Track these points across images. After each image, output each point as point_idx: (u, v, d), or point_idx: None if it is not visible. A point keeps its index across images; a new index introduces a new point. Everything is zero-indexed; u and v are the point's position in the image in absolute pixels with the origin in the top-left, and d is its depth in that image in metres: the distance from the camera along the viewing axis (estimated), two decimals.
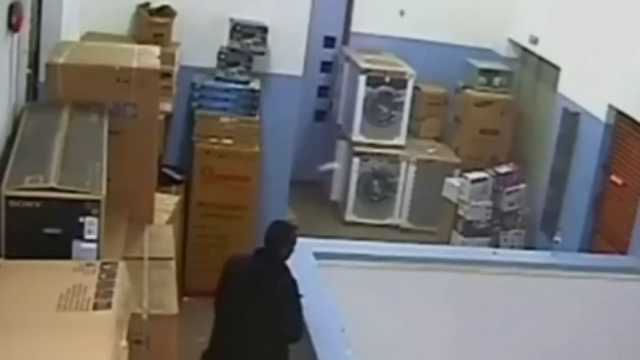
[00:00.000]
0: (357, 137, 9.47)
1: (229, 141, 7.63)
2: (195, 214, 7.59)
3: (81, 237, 3.27)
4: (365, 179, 9.53)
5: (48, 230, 3.23)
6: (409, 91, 9.46)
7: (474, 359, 6.07)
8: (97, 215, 3.28)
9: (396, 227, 9.52)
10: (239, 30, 7.75)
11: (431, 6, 9.94)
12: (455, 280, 6.13)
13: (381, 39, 9.96)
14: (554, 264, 6.45)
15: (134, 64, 4.45)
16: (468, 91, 9.68)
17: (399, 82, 9.42)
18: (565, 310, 6.22)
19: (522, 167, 9.07)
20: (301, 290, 5.13)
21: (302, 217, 9.37)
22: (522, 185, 8.91)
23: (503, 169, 8.92)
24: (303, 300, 5.04)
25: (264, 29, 7.75)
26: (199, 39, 7.67)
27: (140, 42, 6.49)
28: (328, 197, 9.97)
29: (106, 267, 3.12)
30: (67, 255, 3.25)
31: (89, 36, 6.91)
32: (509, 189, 8.80)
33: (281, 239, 5.17)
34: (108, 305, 2.86)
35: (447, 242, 8.63)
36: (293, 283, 5.00)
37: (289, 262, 5.29)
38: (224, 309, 5.25)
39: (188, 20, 7.60)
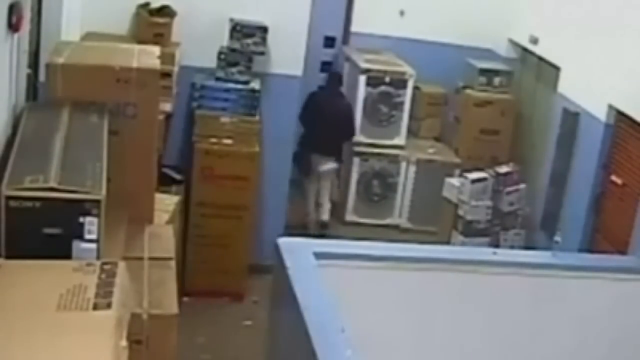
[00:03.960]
0: (357, 137, 9.46)
1: (229, 141, 7.63)
2: (195, 214, 7.59)
3: (81, 237, 3.27)
4: (365, 179, 9.52)
5: (48, 230, 3.23)
6: (409, 91, 9.46)
7: (473, 359, 6.07)
8: (97, 215, 3.28)
9: (396, 227, 9.52)
10: (239, 30, 7.75)
11: (431, 6, 9.93)
12: (455, 280, 6.12)
13: (381, 39, 9.96)
14: (554, 264, 6.43)
15: (134, 64, 4.45)
16: (468, 91, 9.67)
17: (399, 82, 9.42)
18: (565, 310, 6.22)
19: (522, 167, 9.06)
20: (301, 290, 5.13)
21: (302, 216, 9.38)
22: (522, 185, 8.90)
23: (503, 169, 8.91)
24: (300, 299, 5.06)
25: (264, 29, 7.76)
26: (199, 39, 7.67)
27: (140, 42, 6.50)
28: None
29: (106, 267, 3.12)
30: (67, 255, 3.25)
31: (89, 36, 6.91)
32: (509, 189, 8.80)
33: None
34: (108, 305, 2.86)
35: (447, 242, 8.62)
36: None
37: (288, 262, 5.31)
38: None
39: (188, 20, 7.60)
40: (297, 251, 5.61)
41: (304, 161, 8.90)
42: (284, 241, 5.82)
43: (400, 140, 9.54)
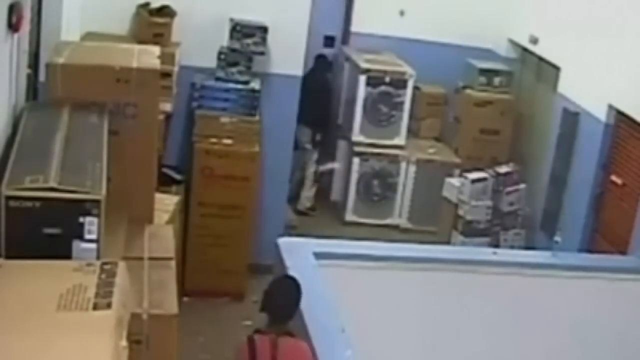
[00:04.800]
0: (357, 137, 9.46)
1: (229, 141, 7.63)
2: (195, 214, 7.59)
3: (81, 237, 3.27)
4: (365, 179, 9.52)
5: (48, 230, 3.23)
6: (409, 91, 9.46)
7: (473, 358, 6.07)
8: (97, 215, 3.28)
9: (396, 227, 9.52)
10: (239, 30, 7.75)
11: (431, 6, 9.94)
12: (455, 280, 6.13)
13: (381, 39, 9.96)
14: (554, 264, 6.44)
15: (134, 64, 4.45)
16: (468, 91, 9.67)
17: (399, 82, 9.42)
18: (565, 310, 6.22)
19: (522, 167, 9.07)
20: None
21: (302, 217, 9.38)
22: (522, 185, 8.91)
23: (503, 169, 8.92)
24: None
25: (264, 29, 7.76)
26: (199, 39, 7.67)
27: (140, 42, 6.49)
28: (328, 197, 9.97)
29: (106, 267, 3.12)
30: (67, 255, 3.25)
31: (89, 36, 6.91)
32: (509, 189, 8.80)
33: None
34: (108, 305, 2.86)
35: (447, 242, 8.62)
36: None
37: (288, 262, 5.33)
38: None
39: (188, 20, 7.60)
40: (297, 251, 5.62)
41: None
42: (284, 241, 5.84)
43: (400, 140, 9.55)
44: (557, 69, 8.79)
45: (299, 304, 4.64)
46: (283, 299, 4.64)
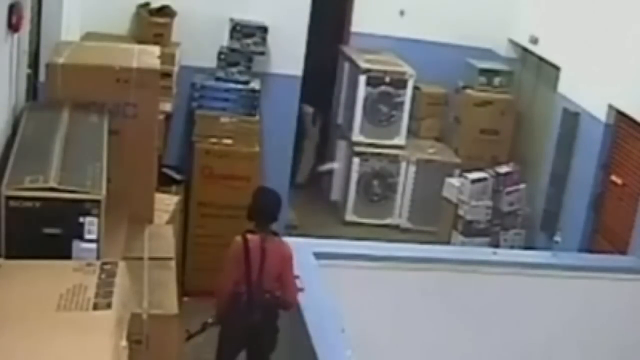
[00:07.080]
0: (357, 137, 9.46)
1: (229, 141, 7.63)
2: (195, 214, 7.59)
3: (81, 237, 3.27)
4: (365, 179, 9.52)
5: (48, 230, 3.23)
6: (409, 91, 9.45)
7: (473, 359, 6.07)
8: (97, 215, 3.28)
9: (396, 227, 9.52)
10: (239, 30, 7.76)
11: (431, 6, 9.92)
12: (455, 280, 6.13)
13: (381, 39, 9.95)
14: (554, 264, 6.45)
15: (134, 64, 4.46)
16: (468, 91, 9.67)
17: (399, 82, 9.42)
18: (565, 310, 6.23)
19: (522, 167, 9.06)
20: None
21: (302, 217, 9.38)
22: (522, 185, 8.90)
23: (503, 169, 8.92)
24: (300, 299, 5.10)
25: (264, 29, 7.77)
26: (199, 39, 7.68)
27: (140, 42, 6.50)
28: (328, 197, 9.97)
29: (106, 267, 3.12)
30: (67, 255, 3.26)
31: (89, 36, 6.91)
32: (509, 189, 8.80)
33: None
34: (108, 305, 2.86)
35: (447, 242, 8.62)
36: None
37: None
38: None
39: (188, 20, 7.61)
40: (297, 251, 5.61)
41: None
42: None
43: (400, 140, 9.54)
44: (557, 69, 8.79)
45: (280, 207, 5.63)
46: (265, 205, 5.58)
